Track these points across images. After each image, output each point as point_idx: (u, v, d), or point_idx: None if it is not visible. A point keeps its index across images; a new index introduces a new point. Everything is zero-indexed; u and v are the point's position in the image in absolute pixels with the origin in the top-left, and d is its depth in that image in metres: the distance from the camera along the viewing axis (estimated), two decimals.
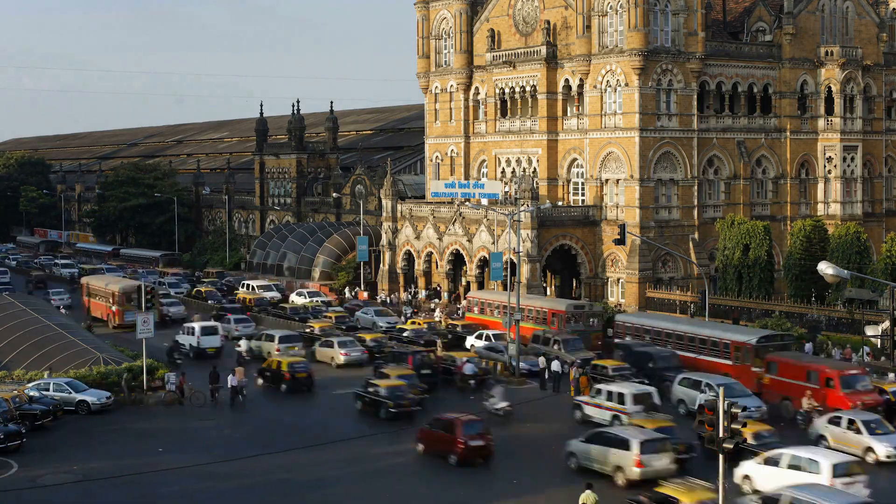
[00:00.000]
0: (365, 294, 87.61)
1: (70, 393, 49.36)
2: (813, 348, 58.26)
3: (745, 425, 30.74)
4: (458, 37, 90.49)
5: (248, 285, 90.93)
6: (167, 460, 41.14)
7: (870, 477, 35.32)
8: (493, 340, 62.16)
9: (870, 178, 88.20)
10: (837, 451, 38.01)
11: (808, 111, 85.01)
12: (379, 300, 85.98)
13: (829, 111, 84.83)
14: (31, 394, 48.66)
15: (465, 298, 77.94)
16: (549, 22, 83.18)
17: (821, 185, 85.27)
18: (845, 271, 36.23)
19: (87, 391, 49.70)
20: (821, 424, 41.94)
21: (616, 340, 60.14)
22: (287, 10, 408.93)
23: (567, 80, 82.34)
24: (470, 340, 63.65)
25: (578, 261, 79.40)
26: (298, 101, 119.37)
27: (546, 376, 55.56)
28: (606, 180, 79.09)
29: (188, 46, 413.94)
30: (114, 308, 75.29)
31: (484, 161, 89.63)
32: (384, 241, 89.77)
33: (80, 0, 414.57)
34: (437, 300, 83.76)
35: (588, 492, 33.22)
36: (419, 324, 70.93)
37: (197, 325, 64.83)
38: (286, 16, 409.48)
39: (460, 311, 76.60)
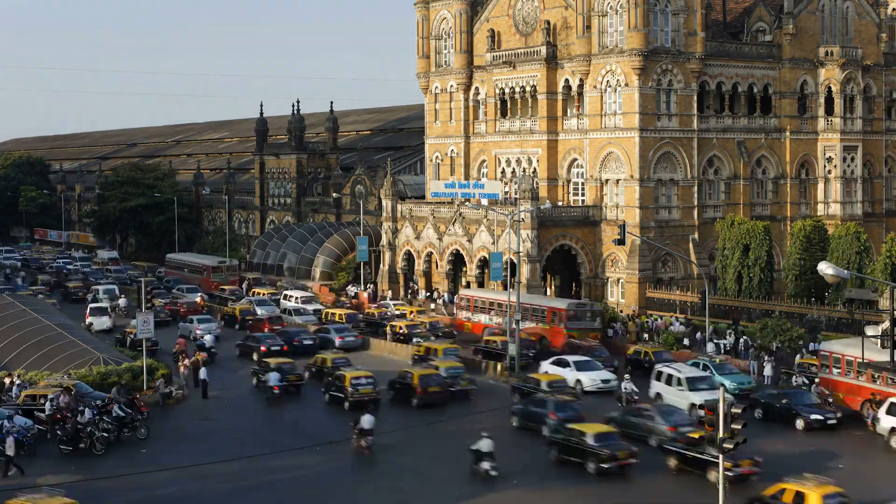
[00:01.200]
0: (365, 294, 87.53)
1: None
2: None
3: None
4: (458, 37, 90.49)
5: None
6: (167, 460, 41.13)
7: None
8: None
9: (870, 178, 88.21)
10: None
11: (808, 111, 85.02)
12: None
13: (829, 111, 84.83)
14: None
15: (458, 297, 77.57)
16: (549, 22, 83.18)
17: (821, 186, 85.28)
18: (845, 271, 36.12)
19: None
20: None
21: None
22: (287, 10, 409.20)
23: (567, 81, 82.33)
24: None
25: (578, 261, 79.40)
26: (298, 101, 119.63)
27: None
28: (606, 180, 79.09)
29: (188, 46, 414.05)
30: None
31: (484, 161, 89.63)
32: (384, 241, 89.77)
33: (80, 3, 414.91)
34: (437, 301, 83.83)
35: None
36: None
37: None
38: (286, 16, 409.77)
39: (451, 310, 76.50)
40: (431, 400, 49.72)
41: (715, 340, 62.58)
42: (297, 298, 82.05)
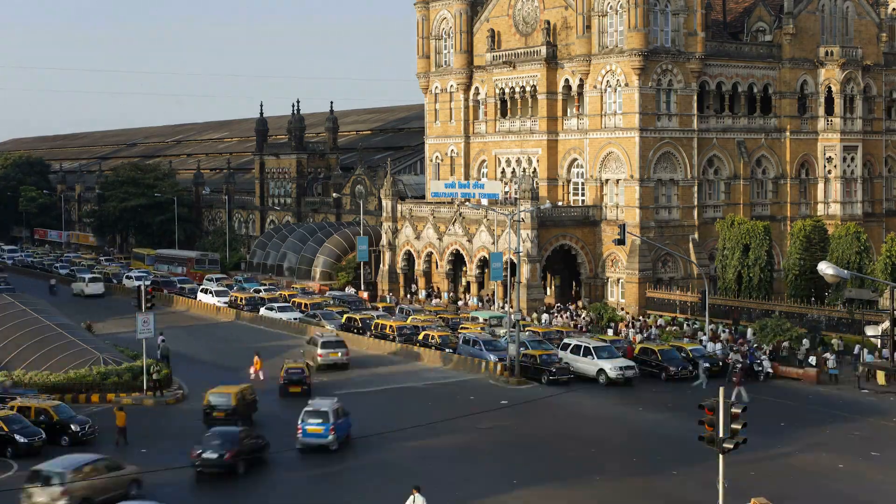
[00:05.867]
0: (365, 294, 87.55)
1: None
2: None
3: None
4: (458, 37, 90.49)
5: None
6: (168, 460, 41.08)
7: None
8: None
9: (870, 178, 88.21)
10: None
11: (808, 111, 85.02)
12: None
13: (829, 111, 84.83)
14: None
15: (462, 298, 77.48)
16: (549, 22, 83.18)
17: (821, 185, 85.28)
18: (845, 271, 36.11)
19: None
20: None
21: None
22: (287, 9, 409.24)
23: (567, 80, 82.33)
24: None
25: (578, 261, 79.39)
26: (298, 101, 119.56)
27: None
28: (606, 180, 79.09)
29: (188, 46, 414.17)
30: None
31: (484, 161, 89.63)
32: (384, 241, 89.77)
33: (80, 3, 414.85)
34: (437, 300, 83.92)
35: None
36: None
37: None
38: (286, 15, 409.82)
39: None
40: None
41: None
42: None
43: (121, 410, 44.52)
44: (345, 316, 72.79)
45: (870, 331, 60.31)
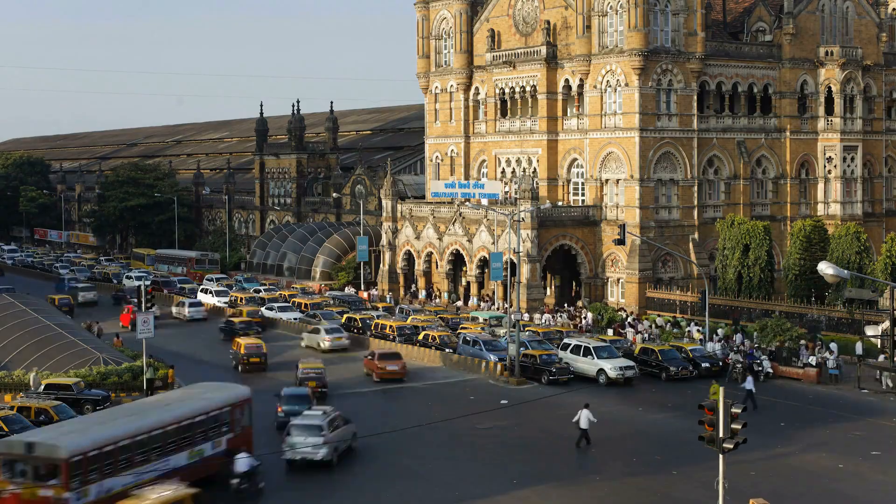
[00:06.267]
0: (366, 293, 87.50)
1: None
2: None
3: None
4: (458, 37, 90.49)
5: None
6: None
7: None
8: None
9: (870, 178, 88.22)
10: None
11: (808, 111, 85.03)
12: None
13: (829, 111, 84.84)
14: None
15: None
16: (549, 22, 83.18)
17: (821, 185, 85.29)
18: (845, 271, 36.09)
19: None
20: None
21: None
22: (288, 9, 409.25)
23: (567, 80, 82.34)
24: None
25: (578, 261, 79.39)
26: (298, 101, 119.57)
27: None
28: (606, 180, 79.09)
29: (188, 46, 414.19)
30: None
31: (484, 161, 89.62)
32: (384, 241, 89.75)
33: (80, 3, 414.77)
34: (436, 300, 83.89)
35: None
36: None
37: None
38: (286, 15, 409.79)
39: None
40: None
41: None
42: None
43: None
44: (345, 316, 72.77)
45: (870, 331, 60.32)
